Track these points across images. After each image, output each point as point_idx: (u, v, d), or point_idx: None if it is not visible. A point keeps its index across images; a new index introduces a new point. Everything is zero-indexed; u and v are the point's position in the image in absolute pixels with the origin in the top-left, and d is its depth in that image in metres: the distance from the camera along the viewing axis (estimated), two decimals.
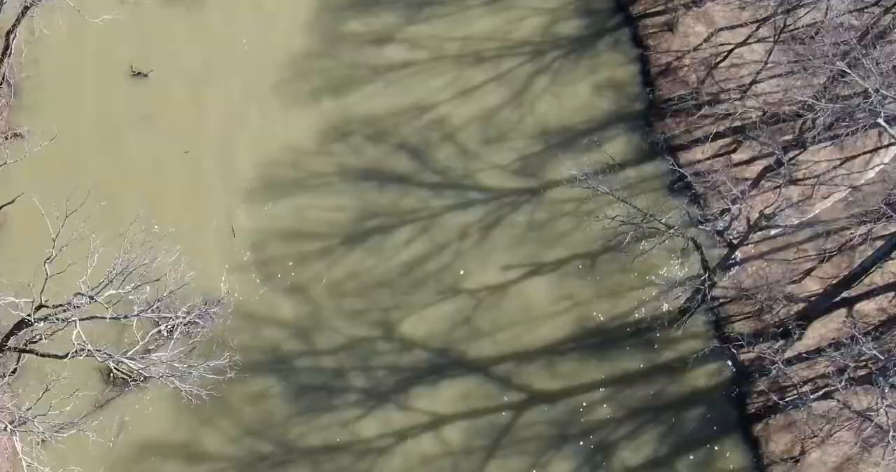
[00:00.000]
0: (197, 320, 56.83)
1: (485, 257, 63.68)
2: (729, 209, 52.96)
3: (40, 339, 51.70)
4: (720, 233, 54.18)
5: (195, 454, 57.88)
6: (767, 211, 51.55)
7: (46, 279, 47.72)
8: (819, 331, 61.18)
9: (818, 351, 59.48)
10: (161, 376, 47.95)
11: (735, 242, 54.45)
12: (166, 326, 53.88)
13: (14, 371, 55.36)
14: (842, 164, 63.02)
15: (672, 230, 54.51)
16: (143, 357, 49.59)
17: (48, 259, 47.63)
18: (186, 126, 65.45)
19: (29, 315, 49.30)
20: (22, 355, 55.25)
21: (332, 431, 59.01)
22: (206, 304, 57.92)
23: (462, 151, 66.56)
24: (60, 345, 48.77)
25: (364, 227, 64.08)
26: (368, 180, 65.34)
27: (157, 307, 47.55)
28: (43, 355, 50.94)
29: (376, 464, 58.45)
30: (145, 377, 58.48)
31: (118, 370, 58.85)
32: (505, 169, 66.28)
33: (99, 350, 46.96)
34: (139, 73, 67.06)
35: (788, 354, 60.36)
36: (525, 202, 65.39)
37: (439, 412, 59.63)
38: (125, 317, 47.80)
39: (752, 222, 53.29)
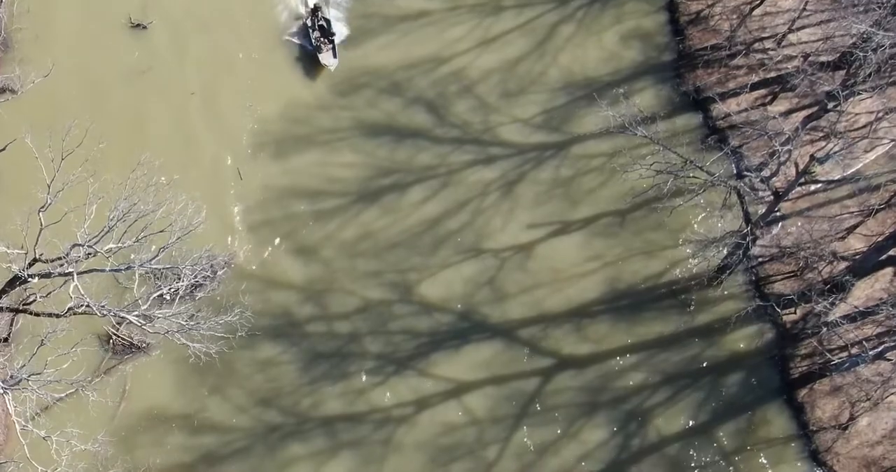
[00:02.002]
0: (202, 282, 52.90)
1: (508, 215, 59.86)
2: (774, 154, 48.90)
3: (35, 299, 47.80)
4: (765, 180, 50.20)
5: (201, 424, 54.14)
6: (819, 154, 47.65)
7: (41, 230, 43.92)
8: (865, 291, 57.44)
9: (865, 312, 55.55)
10: (167, 333, 43.95)
11: (781, 191, 50.50)
12: (169, 288, 49.73)
13: (7, 338, 51.52)
14: (885, 116, 59.04)
15: (714, 178, 50.63)
16: (145, 315, 45.48)
17: (42, 207, 43.82)
18: (189, 79, 61.56)
19: (23, 271, 45.44)
20: (16, 317, 51.43)
21: (348, 399, 55.23)
22: (212, 266, 54.00)
23: (481, 104, 62.67)
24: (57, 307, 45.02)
25: (378, 184, 60.28)
26: (382, 136, 61.57)
27: (163, 254, 43.21)
28: (38, 314, 47.08)
29: (395, 434, 54.67)
30: (147, 344, 54.96)
31: (118, 336, 55.19)
32: (527, 123, 62.42)
33: (99, 305, 42.81)
34: (138, 25, 63.18)
35: (833, 315, 56.48)
36: (549, 158, 61.55)
37: (462, 379, 55.83)
38: (127, 268, 43.90)
39: (800, 169, 49.35)
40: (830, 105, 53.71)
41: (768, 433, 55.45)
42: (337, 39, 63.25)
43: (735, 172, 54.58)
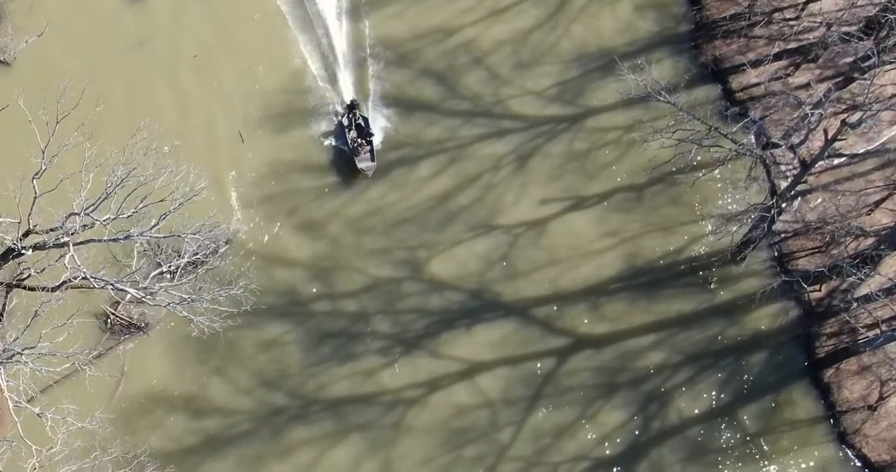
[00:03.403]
0: (204, 259, 50.60)
1: (520, 190, 57.58)
2: (805, 118, 46.56)
3: (29, 275, 45.51)
4: (793, 148, 47.95)
5: (203, 406, 51.99)
6: (851, 120, 45.39)
7: (35, 199, 41.64)
8: (893, 267, 55.13)
9: (893, 288, 53.27)
10: (168, 305, 41.59)
11: (808, 160, 48.27)
12: (169, 266, 47.40)
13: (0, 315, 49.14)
14: None
15: (739, 147, 48.33)
16: (145, 288, 43.15)
17: (37, 174, 41.48)
18: (189, 45, 59.14)
19: (16, 243, 43.08)
20: (9, 295, 49.02)
21: (356, 381, 53.02)
22: (214, 242, 51.66)
23: (493, 76, 60.37)
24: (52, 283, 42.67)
25: (386, 158, 57.92)
26: (389, 108, 59.14)
27: (163, 222, 40.86)
28: (32, 289, 44.70)
29: (405, 417, 52.44)
30: (146, 323, 52.72)
31: (116, 315, 52.93)
32: (540, 95, 60.12)
33: (96, 276, 40.45)
34: None
35: (860, 292, 54.37)
36: (563, 131, 59.27)
37: (474, 360, 53.61)
38: (126, 237, 41.48)
39: (829, 136, 47.11)
40: (858, 73, 51.30)
41: (793, 415, 53.26)
42: (376, 141, 57.47)
43: (759, 142, 52.14)
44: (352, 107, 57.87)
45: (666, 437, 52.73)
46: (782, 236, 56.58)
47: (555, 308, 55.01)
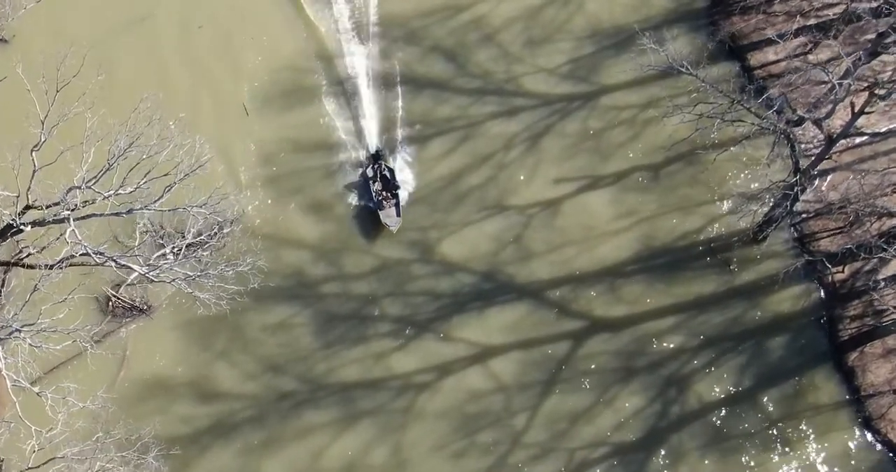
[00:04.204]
0: (208, 240, 48.95)
1: (533, 169, 55.94)
2: (833, 89, 44.89)
3: (28, 254, 43.85)
4: (818, 122, 46.30)
5: (207, 391, 50.39)
6: (880, 91, 43.77)
7: (35, 172, 39.96)
8: None
9: None
10: (173, 281, 39.88)
11: (834, 134, 46.66)
12: (173, 247, 45.67)
13: None
14: None
15: (763, 121, 46.71)
16: (149, 264, 41.45)
17: (36, 145, 39.80)
18: (199, 18, 57.47)
19: (14, 219, 41.45)
20: (7, 276, 47.39)
21: (365, 365, 51.41)
22: (220, 221, 50.05)
23: (504, 53, 58.72)
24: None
25: (394, 138, 56.24)
26: (397, 87, 57.39)
27: (168, 195, 39.17)
28: (31, 267, 42.97)
29: (417, 401, 50.81)
30: (149, 306, 51.06)
31: (118, 298, 51.26)
32: (553, 73, 58.46)
33: (98, 251, 38.73)
34: None
35: (885, 273, 52.75)
36: (577, 109, 57.64)
37: (487, 343, 51.97)
38: (128, 212, 39.97)
39: (857, 108, 45.48)
40: (882, 48, 49.65)
41: (816, 400, 51.62)
42: (403, 195, 54.27)
43: (781, 118, 50.44)
44: (377, 157, 54.66)
45: (685, 422, 51.12)
46: (803, 216, 55.03)
47: (570, 290, 53.40)
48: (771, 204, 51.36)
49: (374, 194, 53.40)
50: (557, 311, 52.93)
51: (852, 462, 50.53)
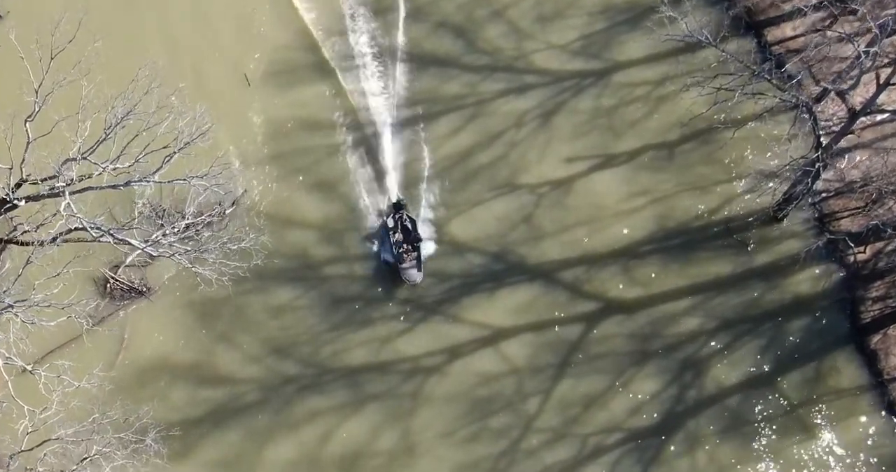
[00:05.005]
0: (210, 220, 47.45)
1: (544, 147, 54.36)
2: (859, 57, 43.21)
3: (23, 232, 42.26)
4: (842, 94, 44.66)
5: (209, 375, 48.98)
6: None
7: (29, 144, 38.37)
8: None
9: None
10: (172, 255, 38.23)
11: (857, 109, 45.00)
12: (172, 227, 44.09)
13: None
14: None
15: (784, 94, 45.05)
16: (147, 240, 39.85)
17: (30, 116, 38.17)
18: None
19: (8, 193, 39.89)
20: (1, 252, 45.76)
21: (372, 348, 49.90)
22: (221, 201, 48.56)
23: (513, 29, 57.10)
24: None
25: (401, 115, 54.81)
26: (405, 63, 55.91)
27: (167, 166, 37.56)
28: (25, 244, 41.38)
29: (425, 386, 49.25)
30: (148, 287, 49.51)
31: (116, 279, 49.70)
32: (564, 49, 56.83)
33: (94, 224, 37.11)
34: None
35: None
36: (589, 86, 56.02)
37: (497, 325, 50.35)
38: (126, 184, 38.35)
39: (881, 80, 43.82)
40: None
41: (838, 383, 49.99)
42: (425, 250, 51.02)
43: (800, 92, 48.88)
44: (398, 207, 51.50)
45: (702, 407, 49.56)
46: (823, 195, 53.42)
47: (582, 271, 51.83)
48: (791, 181, 49.63)
49: (393, 246, 50.51)
50: (570, 292, 51.32)
51: (874, 448, 49.00)
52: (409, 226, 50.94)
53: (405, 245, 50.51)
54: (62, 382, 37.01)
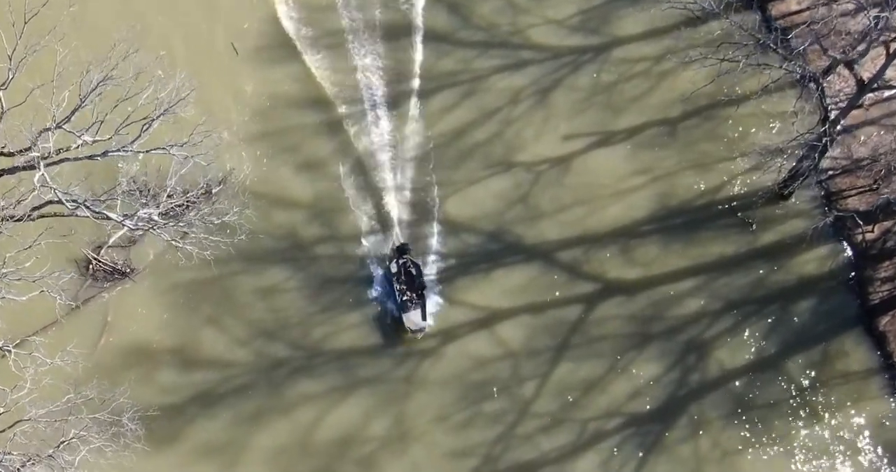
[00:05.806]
0: (194, 200, 45.76)
1: (542, 125, 52.81)
2: (870, 26, 41.61)
3: None
4: (850, 64, 43.01)
5: (195, 359, 47.32)
6: None
7: (2, 113, 36.56)
8: None
9: None
10: (152, 228, 36.49)
11: (866, 80, 43.37)
12: (157, 204, 42.38)
13: None
14: None
15: (791, 64, 43.41)
16: (126, 214, 38.16)
17: (3, 84, 36.50)
18: None
19: None
20: None
21: (363, 330, 48.38)
22: (207, 182, 46.89)
23: (509, 4, 55.67)
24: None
25: (395, 91, 53.22)
26: (397, 39, 54.49)
27: (146, 135, 35.83)
28: None
29: (419, 369, 47.67)
30: (132, 268, 47.80)
31: (99, 260, 47.99)
32: (562, 25, 55.30)
33: (69, 195, 35.39)
34: None
35: None
36: (587, 62, 54.41)
37: (494, 307, 48.77)
38: (103, 154, 36.59)
39: (891, 51, 42.17)
40: None
41: (846, 367, 48.47)
42: (430, 302, 48.34)
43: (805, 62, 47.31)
44: (402, 251, 48.82)
45: (706, 391, 47.96)
46: (830, 173, 51.94)
47: (581, 252, 50.27)
48: (798, 157, 48.01)
49: (397, 294, 48.35)
50: (568, 273, 49.73)
51: (883, 432, 47.56)
52: (414, 271, 48.40)
53: (409, 293, 48.15)
54: (35, 360, 35.26)
